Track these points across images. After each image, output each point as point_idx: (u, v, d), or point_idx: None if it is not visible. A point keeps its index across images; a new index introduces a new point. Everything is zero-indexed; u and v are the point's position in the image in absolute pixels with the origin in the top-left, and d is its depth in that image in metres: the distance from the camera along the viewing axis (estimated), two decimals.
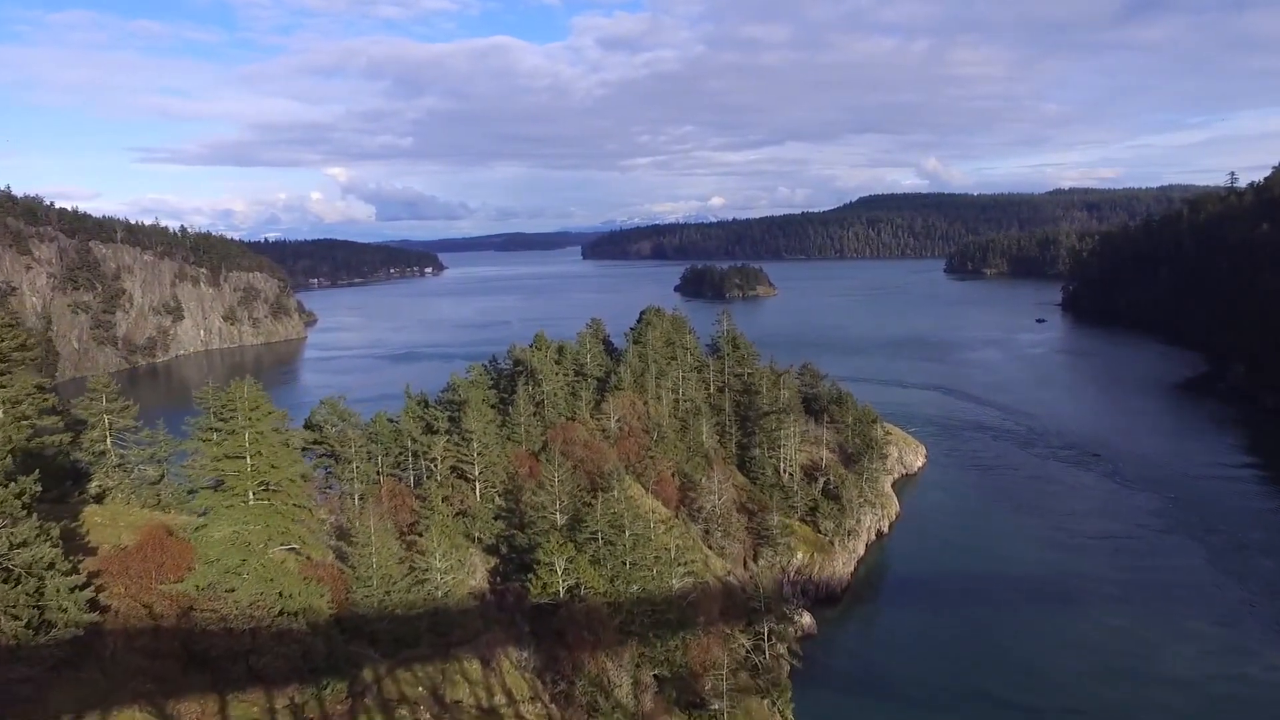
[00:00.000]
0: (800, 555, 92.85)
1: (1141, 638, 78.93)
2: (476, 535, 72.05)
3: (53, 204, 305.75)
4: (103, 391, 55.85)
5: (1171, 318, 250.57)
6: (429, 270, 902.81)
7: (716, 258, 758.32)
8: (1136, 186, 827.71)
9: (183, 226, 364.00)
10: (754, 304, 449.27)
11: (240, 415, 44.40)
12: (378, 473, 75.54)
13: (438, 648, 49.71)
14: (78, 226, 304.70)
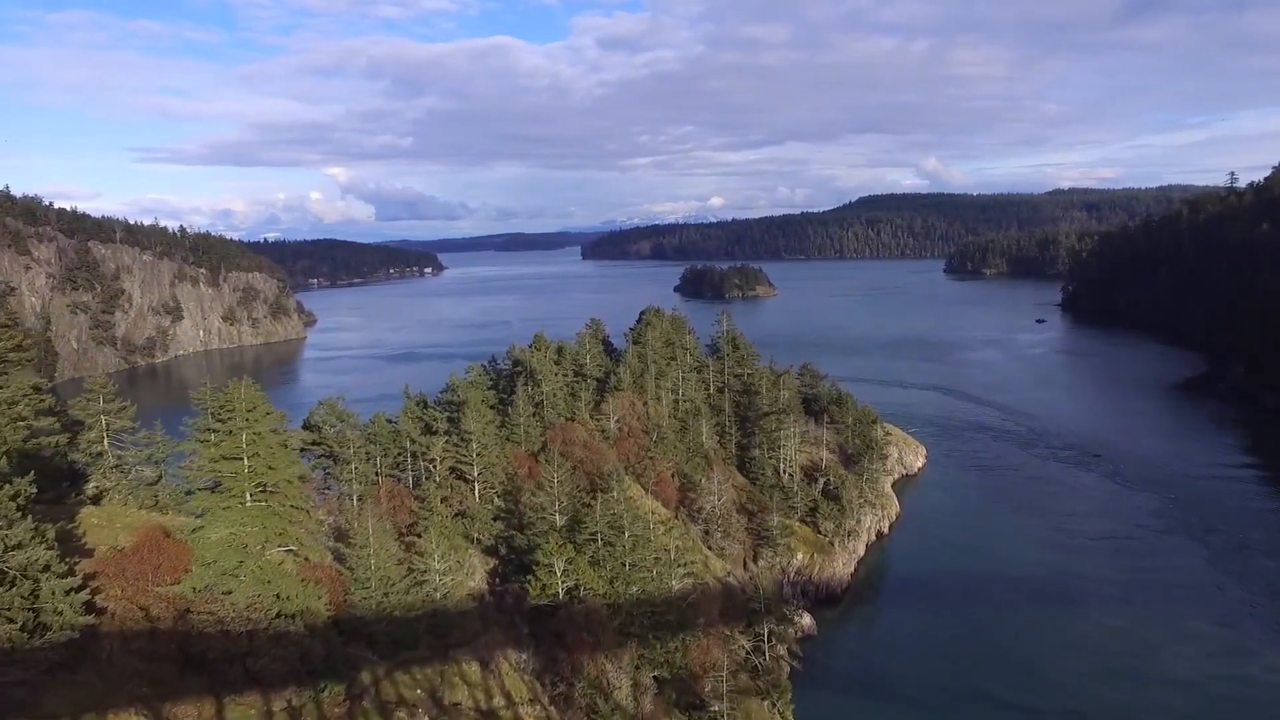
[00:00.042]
0: (800, 556, 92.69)
1: (1142, 638, 78.84)
2: (475, 536, 71.90)
3: (52, 204, 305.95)
4: (100, 392, 55.65)
5: (1171, 318, 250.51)
6: (429, 270, 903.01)
7: (716, 258, 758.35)
8: (1136, 186, 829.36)
9: (182, 227, 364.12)
10: (754, 304, 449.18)
11: (238, 416, 44.24)
12: (376, 473, 75.36)
13: (436, 650, 49.56)
14: (77, 226, 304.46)
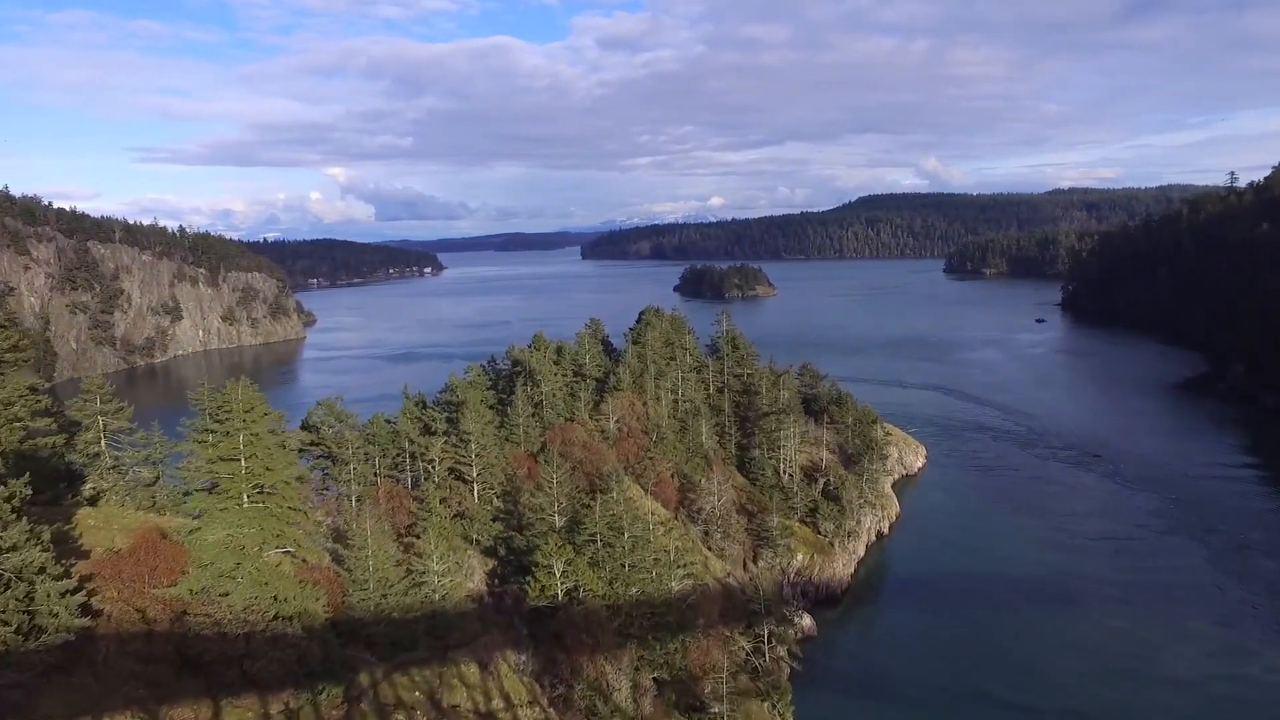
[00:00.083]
0: (800, 557, 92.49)
1: (1142, 639, 78.70)
2: (474, 537, 71.68)
3: (51, 204, 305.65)
4: (97, 393, 55.45)
5: (1171, 318, 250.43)
6: (428, 270, 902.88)
7: (716, 258, 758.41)
8: (1136, 186, 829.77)
9: (181, 226, 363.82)
10: (753, 304, 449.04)
11: (235, 417, 44.06)
12: (375, 474, 75.12)
13: (435, 651, 49.35)
14: (76, 226, 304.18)
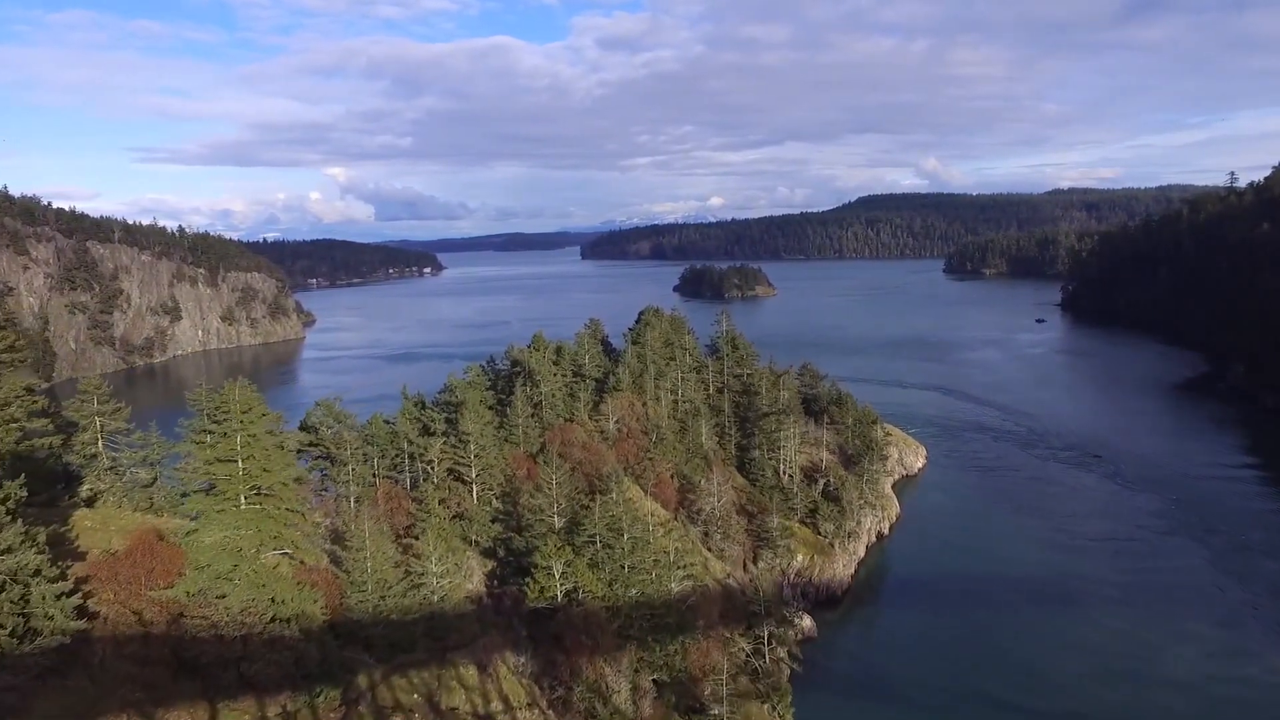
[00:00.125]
0: (800, 557, 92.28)
1: (1142, 639, 78.53)
2: (473, 538, 71.45)
3: (50, 204, 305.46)
4: (94, 393, 55.22)
5: (1171, 318, 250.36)
6: (428, 270, 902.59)
7: (715, 258, 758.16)
8: (1136, 186, 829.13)
9: (180, 226, 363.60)
10: (753, 304, 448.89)
11: (233, 418, 43.86)
12: (374, 475, 74.85)
13: (434, 653, 49.16)
14: (75, 226, 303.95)
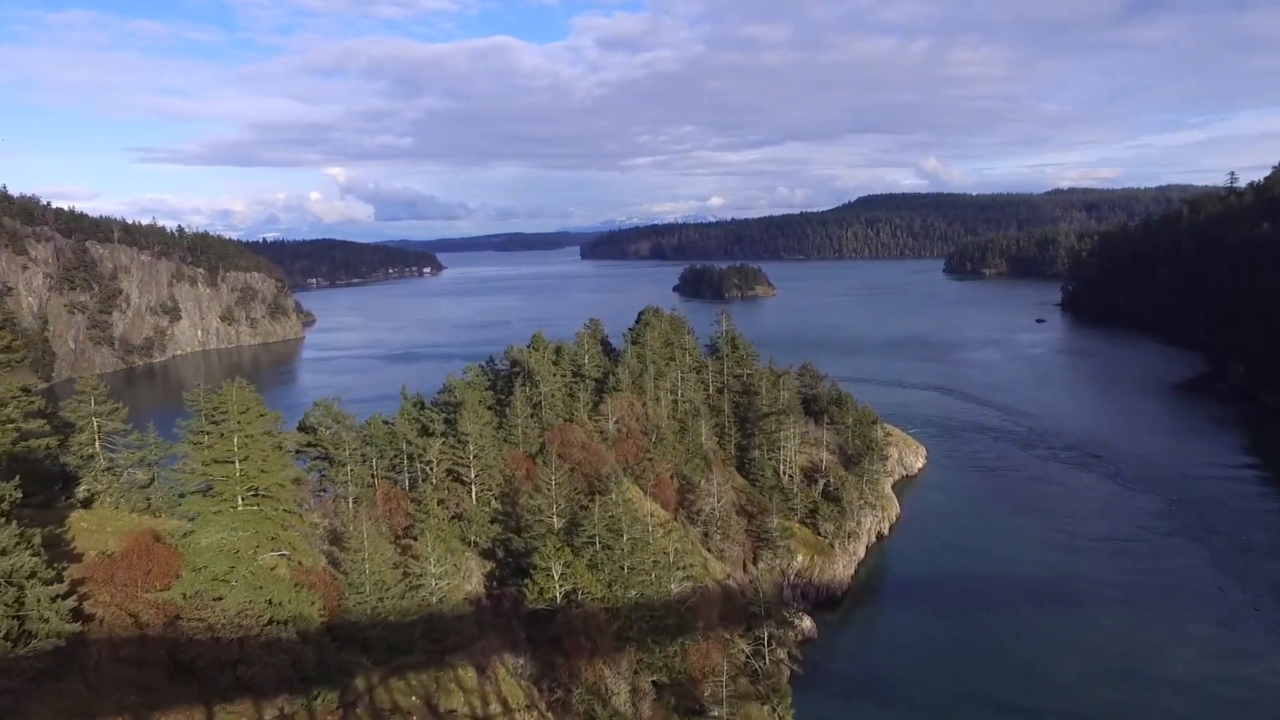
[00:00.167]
0: (800, 558, 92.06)
1: (1143, 640, 78.36)
2: (472, 539, 71.20)
3: (49, 204, 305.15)
4: (91, 394, 54.95)
5: (1171, 318, 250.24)
6: (428, 270, 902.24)
7: (715, 258, 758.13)
8: (1136, 186, 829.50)
9: (180, 226, 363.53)
10: (753, 304, 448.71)
11: (230, 419, 43.61)
12: (372, 476, 74.61)
13: (432, 655, 48.94)
14: (74, 226, 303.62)
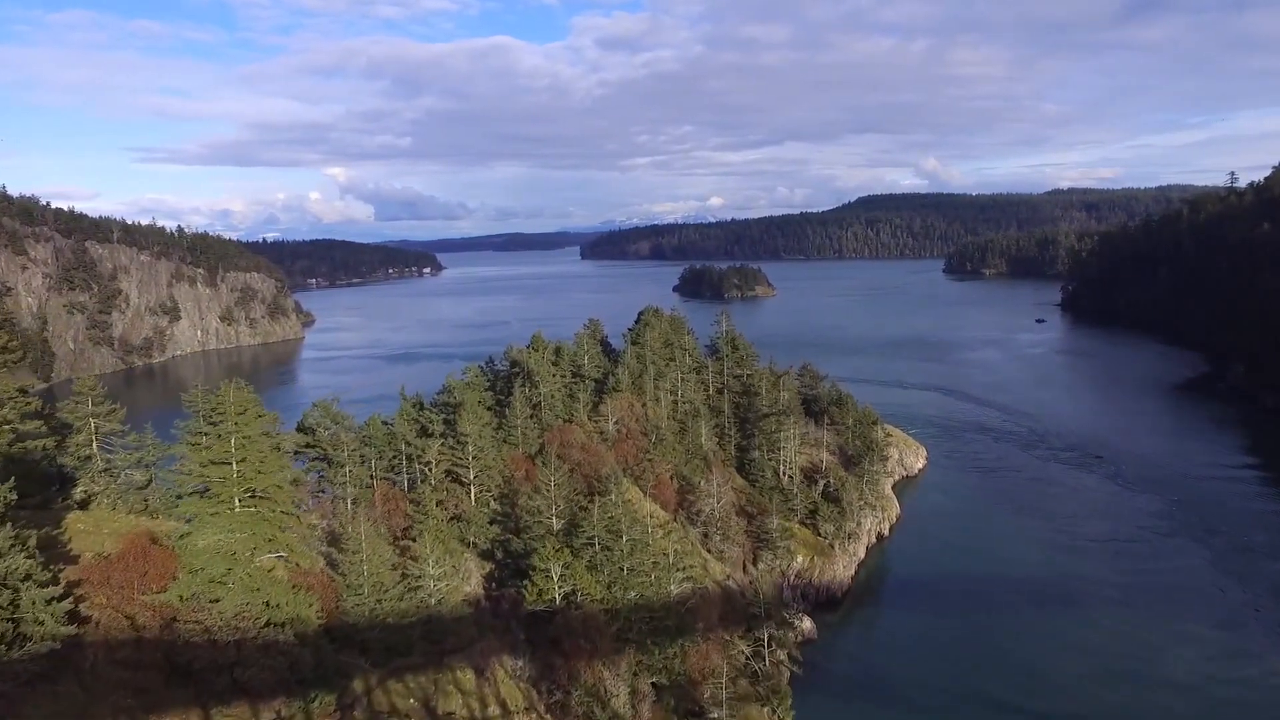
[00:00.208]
0: (800, 559, 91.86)
1: (1143, 640, 78.20)
2: (471, 540, 70.98)
3: (49, 204, 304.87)
4: (88, 394, 54.72)
5: (1171, 318, 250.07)
6: (427, 270, 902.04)
7: (715, 258, 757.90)
8: (1136, 186, 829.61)
9: (179, 226, 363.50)
10: (753, 304, 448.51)
11: (228, 419, 43.41)
12: (371, 477, 74.45)
13: (430, 657, 48.74)
14: (74, 226, 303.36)
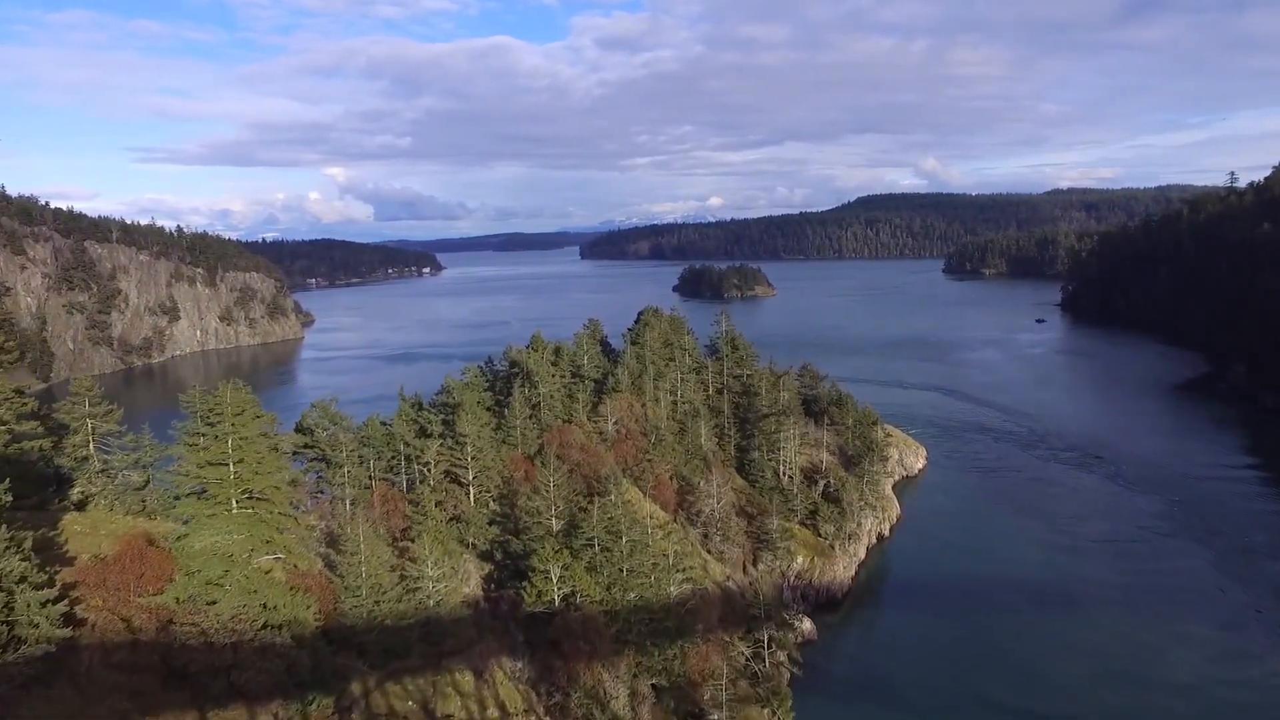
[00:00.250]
0: (800, 559, 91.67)
1: (1144, 641, 78.06)
2: (470, 541, 70.77)
3: (48, 204, 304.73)
4: (86, 395, 54.52)
5: (1171, 318, 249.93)
6: (427, 270, 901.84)
7: (715, 258, 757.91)
8: (1135, 186, 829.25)
9: (179, 226, 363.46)
10: (752, 304, 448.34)
11: (225, 420, 43.19)
12: (370, 477, 74.19)
13: (429, 659, 48.54)
14: (73, 226, 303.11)
